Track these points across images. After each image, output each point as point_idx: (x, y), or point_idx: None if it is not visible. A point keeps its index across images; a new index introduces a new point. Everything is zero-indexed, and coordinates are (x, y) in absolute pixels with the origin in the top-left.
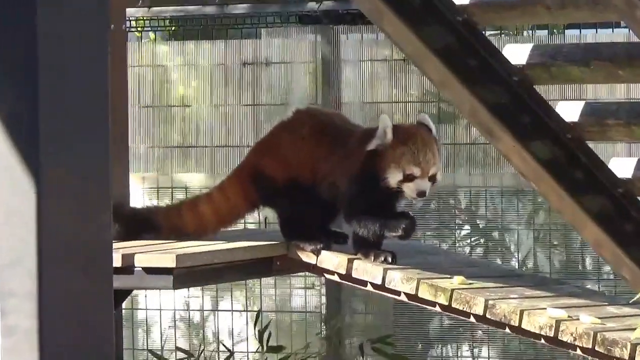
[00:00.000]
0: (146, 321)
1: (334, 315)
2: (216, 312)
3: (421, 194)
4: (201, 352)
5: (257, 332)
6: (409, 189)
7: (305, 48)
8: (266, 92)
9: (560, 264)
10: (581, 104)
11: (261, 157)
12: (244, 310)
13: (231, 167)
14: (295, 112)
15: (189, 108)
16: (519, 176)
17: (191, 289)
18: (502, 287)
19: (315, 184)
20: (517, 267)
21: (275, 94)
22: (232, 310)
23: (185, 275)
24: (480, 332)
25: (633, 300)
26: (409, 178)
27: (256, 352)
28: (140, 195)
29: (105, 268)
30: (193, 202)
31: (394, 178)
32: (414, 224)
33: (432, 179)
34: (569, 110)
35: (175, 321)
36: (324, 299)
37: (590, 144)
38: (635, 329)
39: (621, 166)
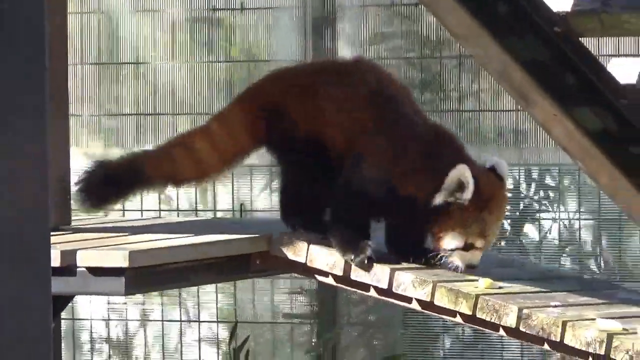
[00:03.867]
0: (90, 334)
1: (328, 327)
2: (179, 322)
3: (471, 266)
4: None
5: (232, 351)
6: (460, 256)
7: None
8: (239, 46)
9: (616, 263)
10: None
11: (288, 95)
12: (214, 321)
13: None
14: (356, 60)
15: (144, 66)
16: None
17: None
18: (540, 292)
19: (340, 157)
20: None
21: (250, 49)
22: (200, 321)
23: (141, 277)
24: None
25: None
26: (467, 247)
27: None
28: None
29: (42, 268)
30: (185, 140)
31: (450, 243)
32: None
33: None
34: (625, 69)
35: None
36: (315, 308)
37: None
38: None
39: None
